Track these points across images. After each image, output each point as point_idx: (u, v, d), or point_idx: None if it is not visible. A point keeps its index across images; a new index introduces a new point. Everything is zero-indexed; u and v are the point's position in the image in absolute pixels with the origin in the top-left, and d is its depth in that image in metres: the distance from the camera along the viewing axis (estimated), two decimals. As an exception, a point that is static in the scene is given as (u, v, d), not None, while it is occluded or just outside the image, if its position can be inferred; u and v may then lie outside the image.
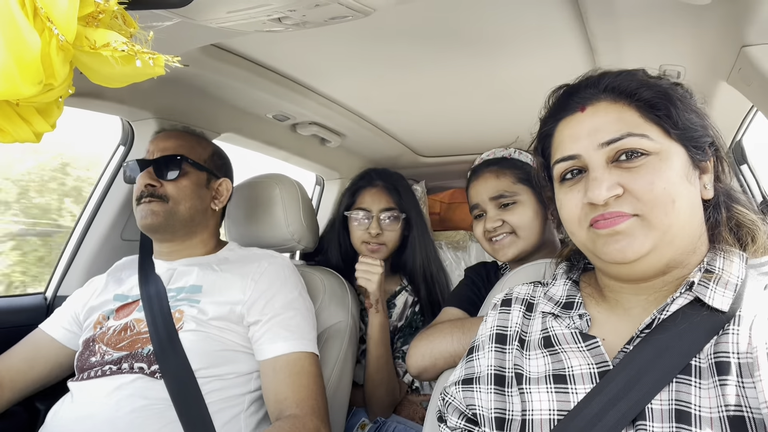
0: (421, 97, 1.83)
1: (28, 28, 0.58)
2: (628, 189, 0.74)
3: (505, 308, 0.93)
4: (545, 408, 0.76)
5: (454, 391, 0.89)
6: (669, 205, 0.72)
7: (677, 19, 1.21)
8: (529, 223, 1.42)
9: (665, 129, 0.76)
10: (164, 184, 1.40)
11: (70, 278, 1.68)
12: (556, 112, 0.86)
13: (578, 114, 0.81)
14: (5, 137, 0.69)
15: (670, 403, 0.67)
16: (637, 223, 0.73)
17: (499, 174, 1.47)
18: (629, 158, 0.75)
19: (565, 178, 0.82)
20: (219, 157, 1.57)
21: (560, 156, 0.82)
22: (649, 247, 0.73)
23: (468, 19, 1.27)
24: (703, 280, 0.73)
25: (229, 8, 0.95)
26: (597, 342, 0.76)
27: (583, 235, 0.79)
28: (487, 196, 1.47)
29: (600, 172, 0.76)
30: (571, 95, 0.84)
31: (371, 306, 1.70)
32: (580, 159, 0.79)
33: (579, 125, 0.80)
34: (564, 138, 0.82)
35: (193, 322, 1.28)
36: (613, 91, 0.80)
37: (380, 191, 1.88)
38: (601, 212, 0.75)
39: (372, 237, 1.81)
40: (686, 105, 0.79)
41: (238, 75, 1.53)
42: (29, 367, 1.37)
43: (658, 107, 0.77)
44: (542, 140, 0.89)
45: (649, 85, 0.79)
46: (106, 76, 0.67)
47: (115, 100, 1.53)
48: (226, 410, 1.23)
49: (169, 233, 1.43)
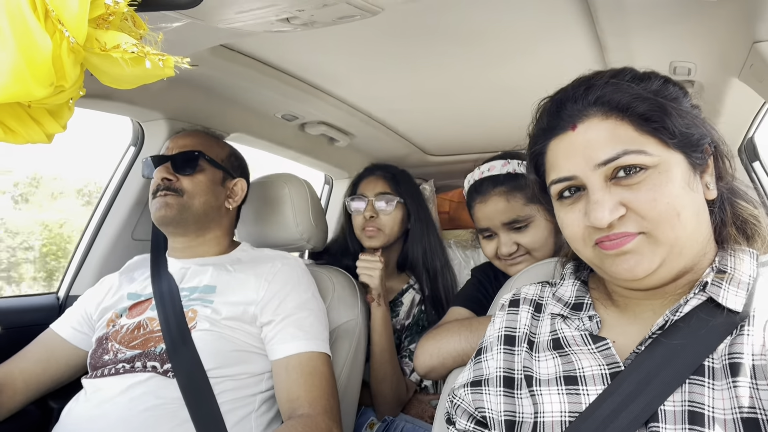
0: (429, 96, 1.83)
1: (40, 31, 0.58)
2: (630, 207, 0.72)
3: (513, 309, 0.92)
4: (557, 410, 0.75)
5: (462, 393, 0.88)
6: (674, 218, 0.71)
7: (687, 15, 1.20)
8: (543, 241, 1.39)
9: (662, 140, 0.74)
10: (180, 178, 1.43)
11: (82, 278, 1.70)
12: (546, 130, 0.82)
13: (569, 133, 0.78)
14: (17, 138, 0.70)
15: (683, 405, 0.66)
16: (643, 240, 0.72)
17: (509, 197, 1.39)
18: (628, 174, 0.72)
19: (563, 196, 0.79)
20: (236, 158, 1.59)
21: (556, 177, 0.79)
22: (659, 262, 0.72)
23: (476, 17, 1.27)
24: (716, 280, 0.72)
25: (238, 9, 0.95)
26: (608, 343, 0.75)
27: (590, 253, 0.78)
28: (500, 222, 1.41)
29: (600, 194, 0.73)
30: (560, 110, 0.80)
31: (373, 300, 1.71)
32: (576, 179, 0.76)
33: (572, 145, 0.77)
34: (558, 157, 0.79)
35: (207, 322, 1.28)
36: (604, 105, 0.76)
37: (377, 178, 1.94)
38: (606, 233, 0.73)
39: (367, 221, 1.85)
40: (680, 110, 0.76)
41: (247, 75, 1.54)
42: (42, 368, 1.38)
43: (654, 119, 0.74)
44: (535, 158, 0.86)
45: (642, 97, 0.75)
46: (117, 77, 0.68)
47: (125, 101, 1.54)
48: (237, 410, 1.24)
49: (182, 227, 1.44)
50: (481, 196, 1.44)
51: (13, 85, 0.59)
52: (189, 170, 1.44)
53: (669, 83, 0.80)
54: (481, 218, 1.45)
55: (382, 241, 1.87)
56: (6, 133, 0.68)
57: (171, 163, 1.44)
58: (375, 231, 1.86)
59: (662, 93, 0.77)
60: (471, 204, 1.50)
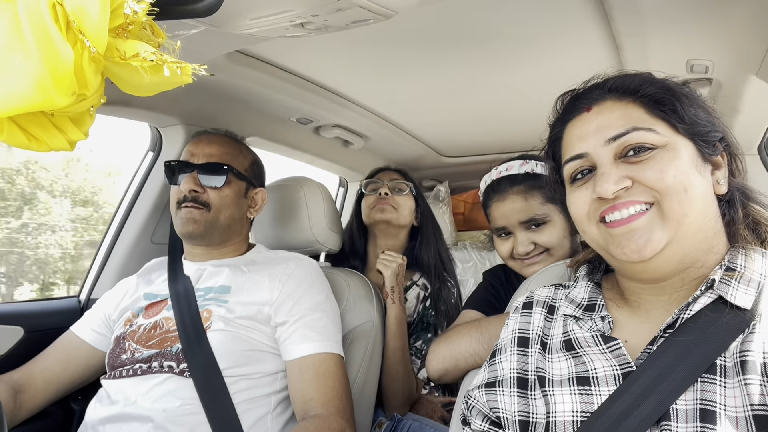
0: (443, 98, 1.83)
1: (62, 42, 0.60)
2: (637, 180, 0.74)
3: (527, 311, 0.93)
4: (568, 410, 0.75)
5: (477, 394, 0.89)
6: (681, 193, 0.72)
7: (704, 13, 1.18)
8: (560, 240, 1.38)
9: (672, 123, 0.77)
10: (207, 190, 1.42)
11: (102, 281, 1.73)
12: (563, 116, 0.87)
13: (584, 114, 0.82)
14: (41, 146, 0.71)
15: (695, 403, 0.66)
16: (651, 216, 0.73)
17: (527, 196, 1.38)
18: (637, 153, 0.75)
19: (575, 179, 0.82)
20: (257, 166, 1.59)
21: (569, 156, 0.82)
22: (666, 241, 0.72)
23: (490, 19, 1.27)
24: (725, 278, 0.72)
25: (253, 15, 0.96)
26: (618, 344, 0.76)
27: (594, 231, 0.79)
28: (517, 220, 1.39)
29: (607, 167, 0.76)
30: (578, 98, 0.86)
31: (387, 296, 1.72)
32: (588, 157, 0.79)
33: (586, 125, 0.81)
34: (572, 138, 0.83)
35: (221, 322, 1.30)
36: (618, 90, 0.81)
37: (392, 172, 2.08)
38: (611, 204, 0.75)
39: (381, 198, 1.95)
40: (692, 101, 0.79)
41: (263, 80, 1.55)
42: (63, 369, 1.40)
43: (663, 102, 0.77)
44: (552, 144, 0.91)
45: (653, 81, 0.80)
46: (136, 85, 0.69)
47: (143, 108, 1.56)
48: (253, 411, 1.25)
49: (206, 240, 1.46)
50: (498, 195, 1.43)
51: (37, 95, 0.60)
52: (217, 183, 1.42)
53: (686, 84, 0.83)
54: (497, 217, 1.44)
55: (393, 215, 1.94)
56: (30, 141, 0.69)
57: (198, 172, 1.42)
58: (387, 205, 1.94)
59: (676, 85, 0.81)
60: (487, 203, 1.49)
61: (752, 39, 1.22)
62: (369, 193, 2.02)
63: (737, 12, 1.16)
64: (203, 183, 1.42)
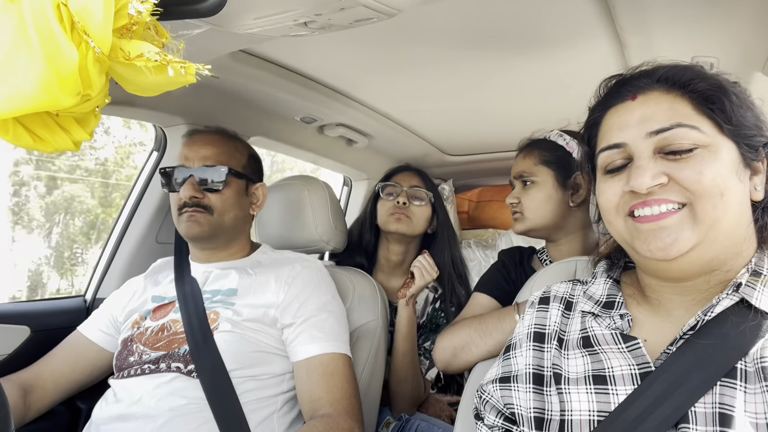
0: (447, 97, 1.83)
1: (67, 42, 0.60)
2: (674, 178, 0.71)
3: (543, 306, 0.91)
4: (584, 409, 0.74)
5: (491, 389, 0.88)
6: (717, 197, 0.69)
7: (709, 9, 1.18)
8: (536, 204, 1.47)
9: (717, 123, 0.73)
10: (207, 194, 1.41)
11: (108, 281, 1.73)
12: (605, 101, 0.83)
13: (629, 102, 0.78)
14: (46, 146, 0.72)
15: (714, 407, 0.65)
16: (683, 216, 0.71)
17: (527, 155, 1.52)
18: (677, 150, 0.72)
19: (609, 170, 0.79)
20: (254, 160, 1.57)
21: (606, 144, 0.79)
22: (694, 243, 0.70)
23: (493, 17, 1.26)
24: (751, 282, 0.70)
25: (257, 14, 0.96)
26: (638, 343, 0.74)
27: (621, 225, 0.77)
28: (514, 173, 1.55)
29: (645, 160, 0.73)
30: (623, 84, 0.81)
31: (404, 297, 1.72)
32: (626, 148, 0.76)
33: (629, 113, 0.77)
34: (612, 126, 0.80)
35: (228, 323, 1.30)
36: (667, 81, 0.77)
37: (412, 173, 2.03)
38: (642, 199, 0.72)
39: (398, 207, 1.90)
40: (742, 101, 0.75)
41: (266, 79, 1.55)
42: (71, 369, 1.41)
43: (713, 100, 0.74)
44: (589, 129, 0.87)
45: (705, 77, 0.76)
46: (140, 85, 0.69)
47: (147, 107, 1.57)
48: (260, 410, 1.25)
49: (212, 243, 1.46)
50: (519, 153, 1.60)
51: (42, 96, 0.60)
52: (217, 186, 1.41)
53: (736, 83, 0.79)
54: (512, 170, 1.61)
55: (408, 228, 1.91)
56: (35, 141, 0.70)
57: (195, 176, 1.40)
58: (404, 216, 1.90)
59: (728, 83, 0.77)
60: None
61: (757, 35, 1.21)
62: (385, 197, 1.98)
63: (742, 8, 1.16)
64: (203, 187, 1.41)
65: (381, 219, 1.96)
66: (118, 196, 4.46)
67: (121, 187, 4.84)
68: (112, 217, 1.91)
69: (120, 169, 4.68)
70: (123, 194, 2.24)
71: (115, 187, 4.67)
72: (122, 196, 1.88)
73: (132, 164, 4.60)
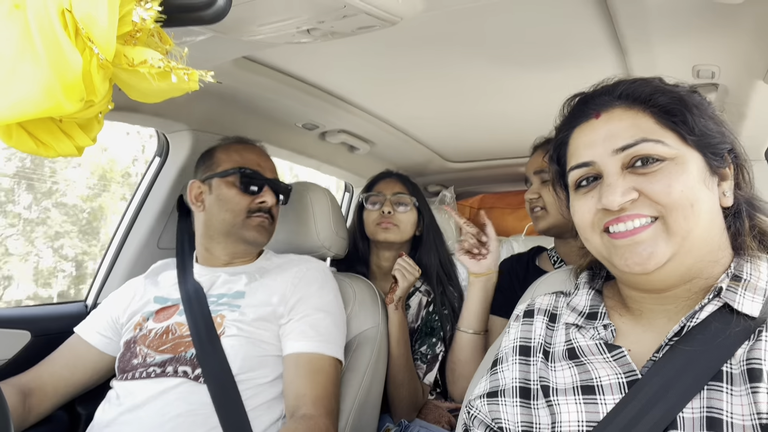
0: (448, 104, 1.83)
1: (71, 49, 0.60)
2: (644, 193, 0.73)
3: (528, 319, 0.92)
4: (574, 419, 0.74)
5: (479, 404, 0.87)
6: (688, 209, 0.71)
7: (710, 18, 1.18)
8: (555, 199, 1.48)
9: (681, 135, 0.75)
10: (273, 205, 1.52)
11: (109, 286, 1.73)
12: (570, 120, 0.85)
13: (593, 120, 0.80)
14: (49, 152, 0.72)
15: (702, 411, 0.66)
16: (656, 229, 0.72)
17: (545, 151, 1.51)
18: (645, 164, 0.74)
19: (580, 185, 0.81)
20: None
21: (575, 163, 0.81)
22: (669, 254, 0.72)
23: (495, 25, 1.27)
24: (732, 286, 0.71)
25: (260, 22, 0.97)
26: (623, 351, 0.75)
27: (597, 241, 0.79)
28: (532, 170, 1.57)
29: (614, 178, 0.75)
30: (586, 103, 0.84)
31: (392, 302, 1.72)
32: (594, 166, 0.78)
33: (594, 132, 0.80)
34: (579, 145, 0.82)
35: (234, 327, 1.31)
36: (628, 97, 0.79)
37: (394, 180, 2.02)
38: (616, 215, 0.74)
39: (384, 216, 1.91)
40: (702, 111, 0.77)
41: (269, 86, 1.56)
42: (70, 372, 1.41)
43: (674, 113, 0.76)
44: (558, 148, 0.89)
45: (665, 91, 0.78)
46: (144, 91, 0.69)
47: (151, 114, 1.57)
48: (265, 416, 1.26)
49: (259, 249, 1.55)
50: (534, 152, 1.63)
51: (46, 101, 0.61)
52: (282, 198, 1.58)
53: (695, 92, 0.81)
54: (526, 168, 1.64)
55: (396, 236, 1.92)
56: (39, 147, 0.70)
57: (272, 187, 1.53)
58: (391, 224, 1.91)
59: (687, 95, 0.79)
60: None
61: (758, 44, 1.22)
62: (370, 206, 1.99)
63: (742, 18, 1.16)
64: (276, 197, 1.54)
65: (369, 229, 1.97)
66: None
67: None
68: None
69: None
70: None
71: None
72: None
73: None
